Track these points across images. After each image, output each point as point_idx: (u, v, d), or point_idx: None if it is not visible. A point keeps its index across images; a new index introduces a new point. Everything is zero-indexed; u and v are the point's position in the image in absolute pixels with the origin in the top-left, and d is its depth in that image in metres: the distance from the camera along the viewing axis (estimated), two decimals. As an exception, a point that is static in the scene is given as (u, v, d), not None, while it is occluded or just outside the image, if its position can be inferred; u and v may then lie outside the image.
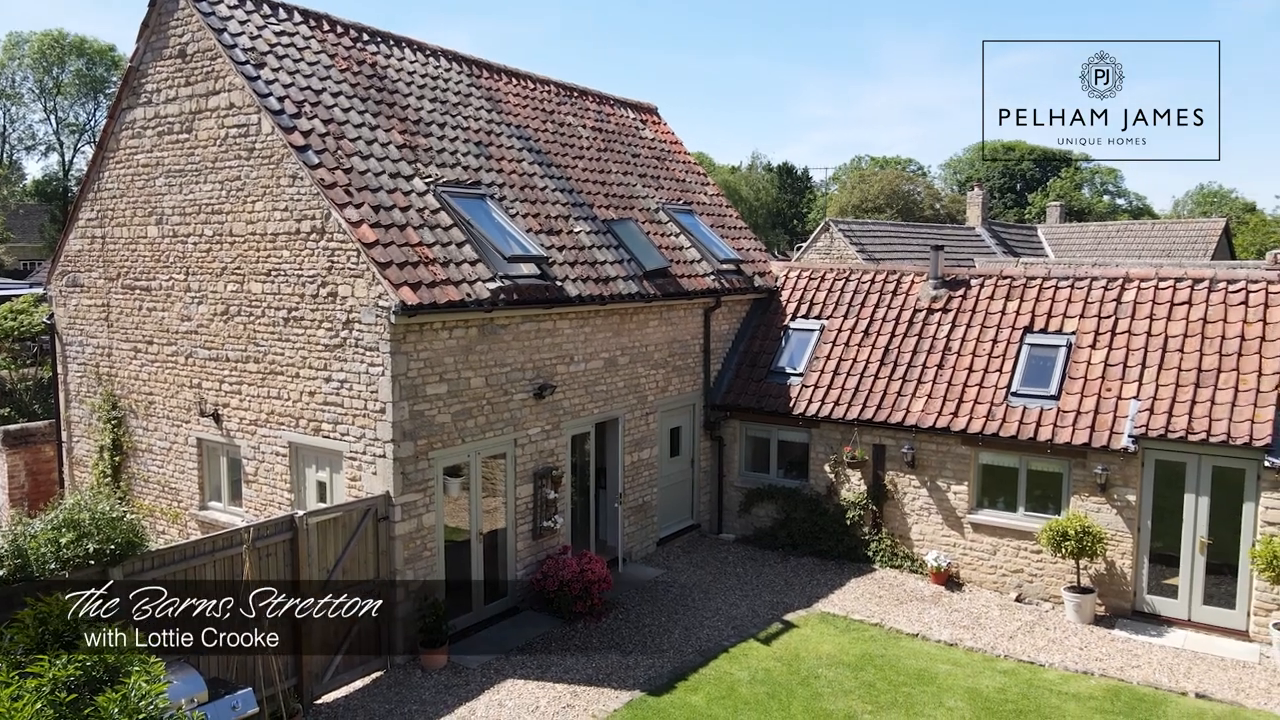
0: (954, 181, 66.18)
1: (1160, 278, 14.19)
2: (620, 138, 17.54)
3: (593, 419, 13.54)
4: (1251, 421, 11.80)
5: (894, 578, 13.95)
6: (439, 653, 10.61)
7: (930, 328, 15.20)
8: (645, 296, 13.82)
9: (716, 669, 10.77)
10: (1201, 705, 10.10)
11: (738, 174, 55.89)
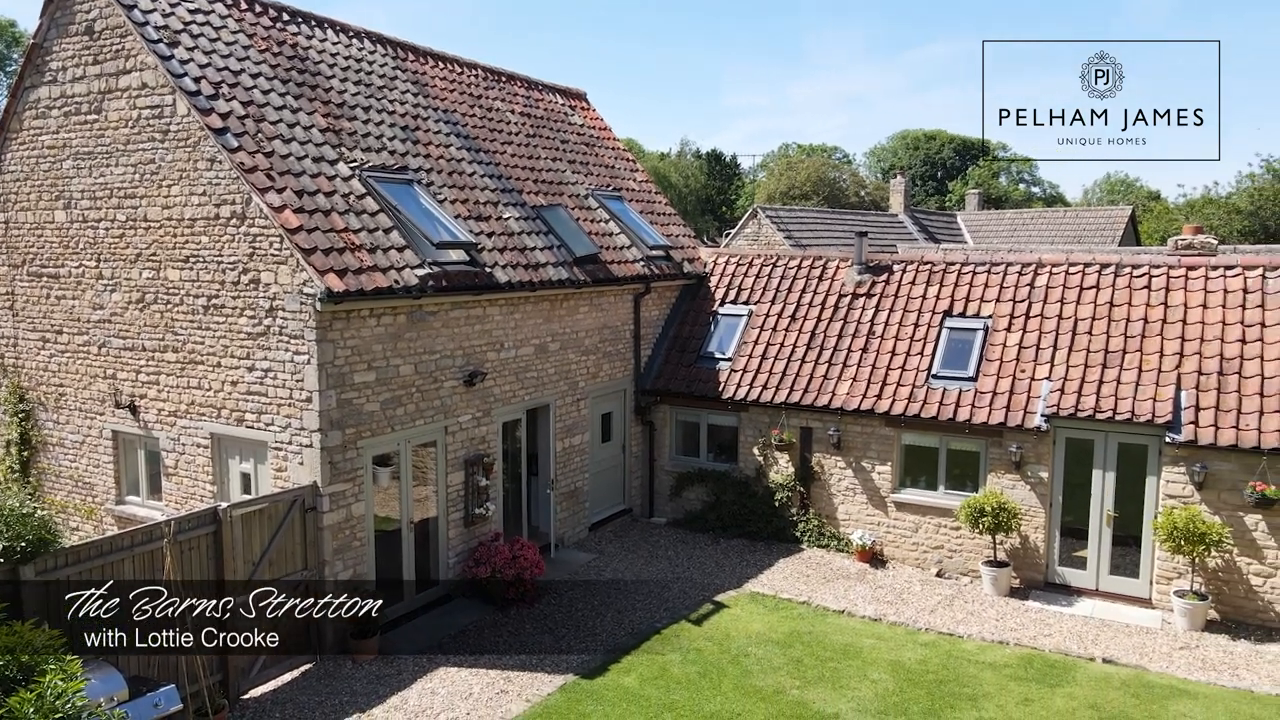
0: (878, 169, 67.53)
1: (1070, 263, 14.78)
2: (549, 123, 17.46)
3: (524, 405, 13.53)
4: (1154, 400, 12.43)
5: (821, 557, 14.31)
6: (370, 643, 10.51)
7: (855, 312, 15.56)
8: (575, 283, 13.84)
9: (649, 650, 10.92)
10: (1108, 670, 10.64)
11: (667, 161, 56.03)
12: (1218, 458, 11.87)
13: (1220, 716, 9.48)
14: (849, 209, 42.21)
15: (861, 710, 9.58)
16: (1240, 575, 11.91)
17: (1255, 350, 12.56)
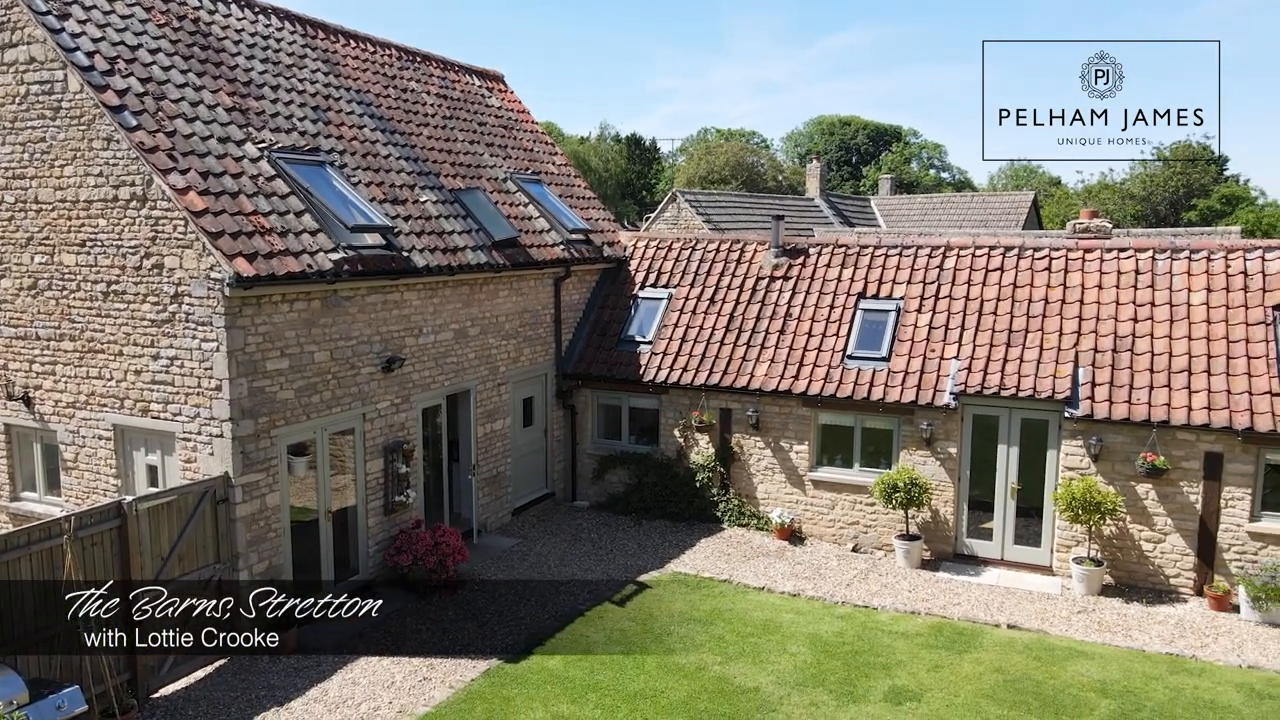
0: (795, 154, 68.53)
1: (977, 246, 15.32)
2: (466, 105, 17.21)
3: (444, 391, 13.38)
4: (1054, 377, 13.00)
5: (741, 535, 14.58)
6: (288, 636, 10.26)
7: (772, 295, 15.83)
8: (495, 267, 13.72)
9: (573, 633, 10.99)
10: (1012, 635, 11.15)
11: (587, 144, 55.77)
12: (1112, 431, 12.50)
13: (1115, 675, 10.04)
14: (767, 193, 42.78)
15: (781, 682, 9.83)
16: (1133, 542, 12.59)
17: (1146, 329, 13.25)
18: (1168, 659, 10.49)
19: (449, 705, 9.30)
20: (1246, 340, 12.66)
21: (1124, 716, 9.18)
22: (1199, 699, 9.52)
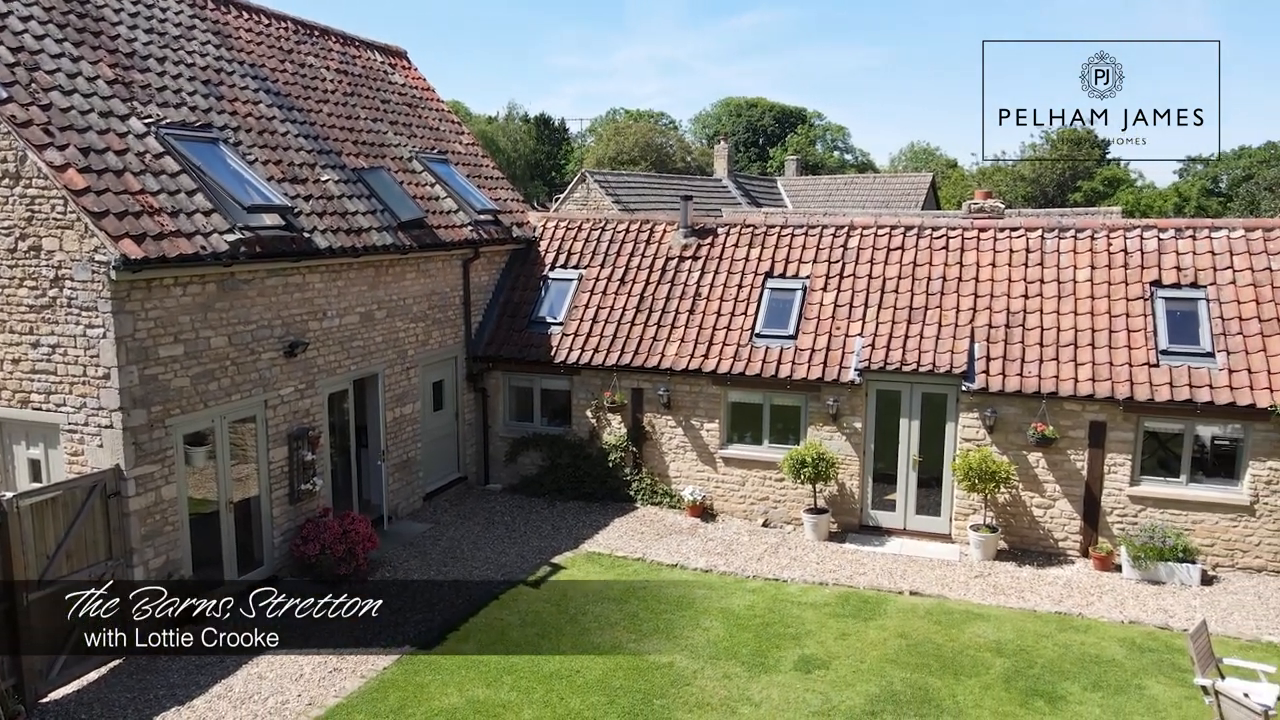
0: (702, 135, 68.98)
1: (879, 226, 15.74)
2: (368, 82, 16.73)
3: (350, 376, 13.06)
4: (951, 353, 13.51)
5: (654, 514, 14.73)
6: (187, 632, 9.92)
7: (682, 275, 15.95)
8: (401, 248, 13.42)
9: (487, 616, 10.93)
10: (915, 601, 11.60)
11: (494, 124, 54.90)
12: (1005, 403, 13.07)
13: (1009, 634, 10.56)
14: (675, 174, 42.98)
15: (695, 656, 10.00)
16: (1025, 508, 13.23)
17: (1036, 305, 13.87)
18: (1057, 618, 11.08)
19: (361, 695, 9.15)
20: (1127, 315, 13.39)
21: (1017, 673, 9.66)
22: (1085, 654, 10.10)
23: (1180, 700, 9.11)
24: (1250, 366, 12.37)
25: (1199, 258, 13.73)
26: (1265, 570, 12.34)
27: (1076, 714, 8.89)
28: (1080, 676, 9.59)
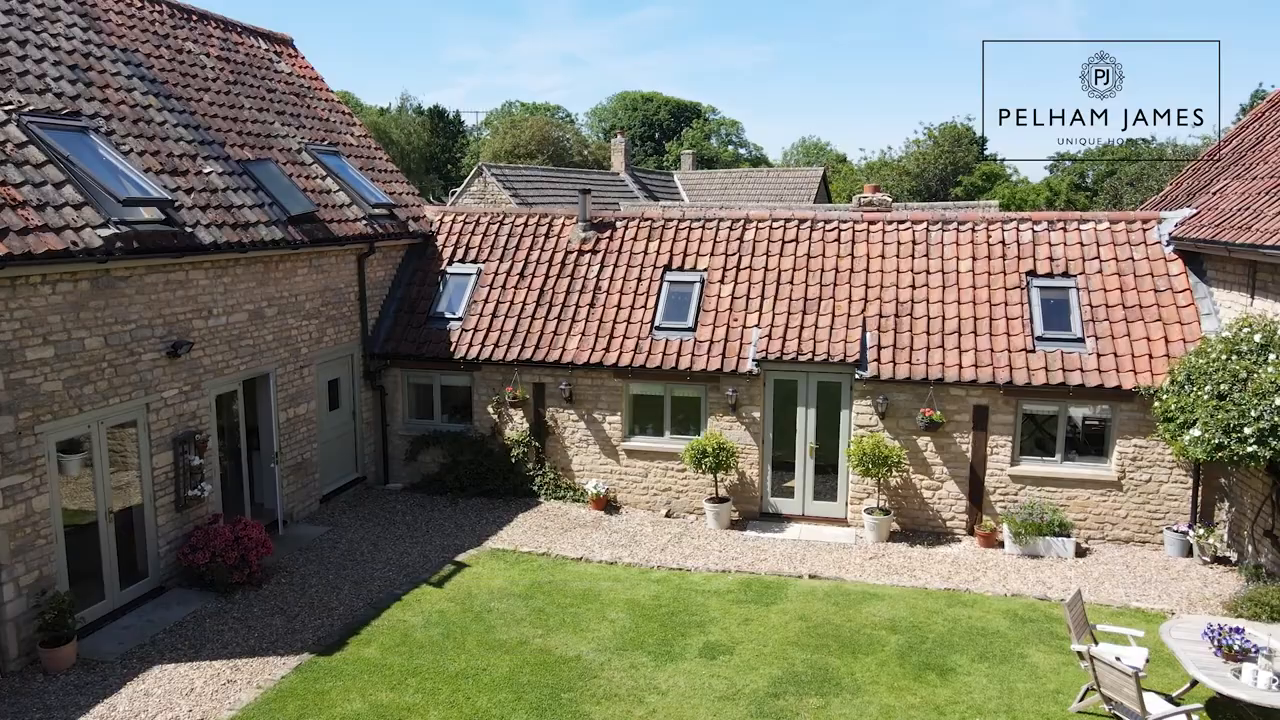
0: (599, 130, 68.98)
1: (774, 219, 16.10)
2: (252, 70, 16.09)
3: (240, 376, 12.57)
4: (845, 342, 13.94)
5: (559, 508, 14.71)
6: (65, 651, 9.39)
7: (581, 268, 15.96)
8: (291, 243, 12.98)
9: (390, 618, 10.72)
10: (814, 584, 11.95)
11: (387, 116, 53.46)
12: (895, 390, 13.58)
13: (902, 612, 11.00)
14: (573, 168, 42.85)
15: (602, 649, 10.05)
16: (915, 490, 13.79)
17: (923, 295, 14.44)
18: (946, 594, 11.60)
19: (257, 706, 8.84)
20: (1005, 304, 14.08)
21: (910, 649, 10.08)
22: (973, 627, 10.61)
23: (1059, 666, 9.67)
24: (1116, 351, 13.20)
25: (1069, 249, 14.56)
26: (1132, 541, 13.22)
27: (965, 684, 9.34)
28: (968, 649, 10.07)
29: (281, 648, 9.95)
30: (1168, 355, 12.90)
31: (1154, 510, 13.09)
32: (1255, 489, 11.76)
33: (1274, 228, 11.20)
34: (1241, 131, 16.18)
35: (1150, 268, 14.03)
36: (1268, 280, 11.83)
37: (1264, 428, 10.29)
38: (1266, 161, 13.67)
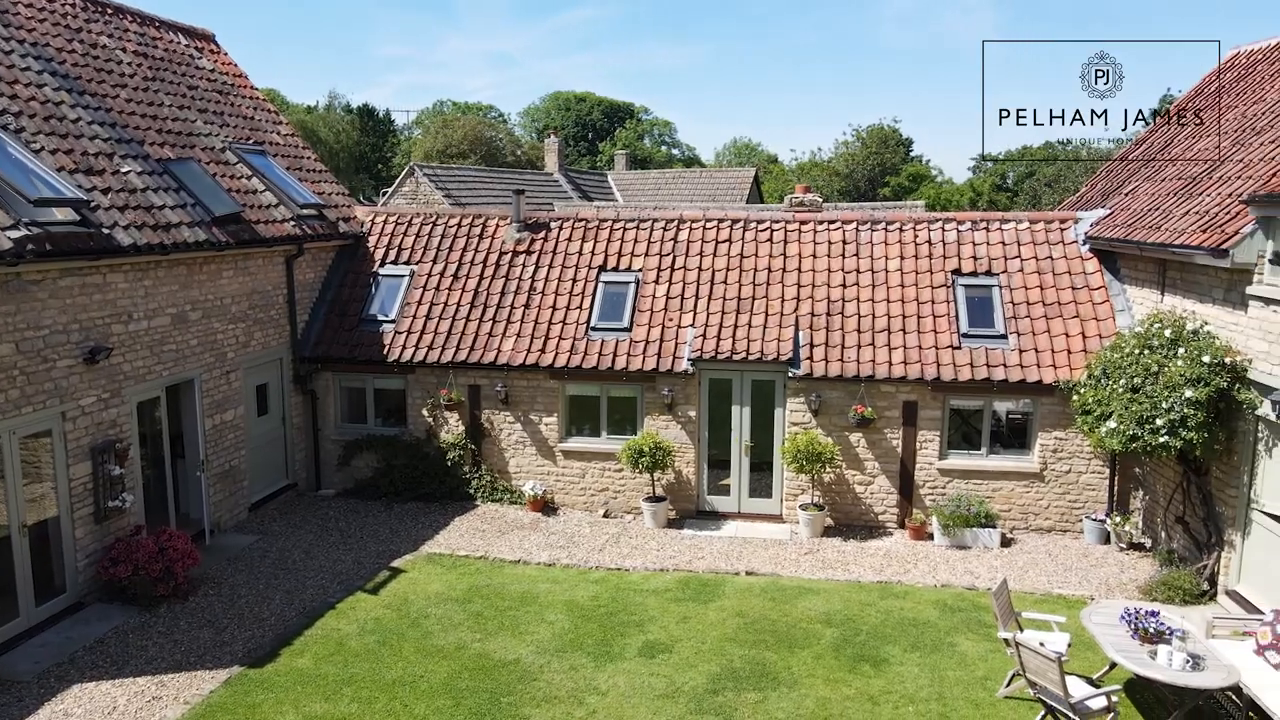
0: (532, 129, 68.60)
1: (708, 219, 16.24)
2: (172, 66, 15.60)
3: (162, 382, 12.18)
4: (778, 340, 14.14)
5: (496, 511, 14.61)
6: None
7: (516, 269, 15.87)
8: (216, 245, 12.63)
9: (323, 627, 10.52)
10: (750, 580, 12.10)
11: (315, 114, 52.27)
12: (828, 387, 13.83)
13: (837, 605, 11.21)
14: (506, 168, 42.55)
15: (541, 651, 10.02)
16: (848, 486, 14.06)
17: (853, 294, 14.74)
18: (879, 586, 11.86)
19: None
20: (932, 302, 14.46)
21: (845, 641, 10.29)
22: (905, 618, 10.87)
23: (986, 654, 9.98)
24: (1037, 346, 13.66)
25: (992, 248, 15.01)
26: (1054, 530, 13.70)
27: (898, 674, 9.56)
28: (900, 639, 10.32)
29: (210, 661, 9.69)
30: (1085, 350, 13.39)
31: (1074, 500, 13.58)
32: (1167, 478, 12.30)
33: (1182, 227, 11.73)
34: (1151, 135, 16.89)
35: (1068, 266, 14.55)
36: (1176, 278, 12.39)
37: (1174, 419, 10.77)
38: (1174, 164, 14.30)
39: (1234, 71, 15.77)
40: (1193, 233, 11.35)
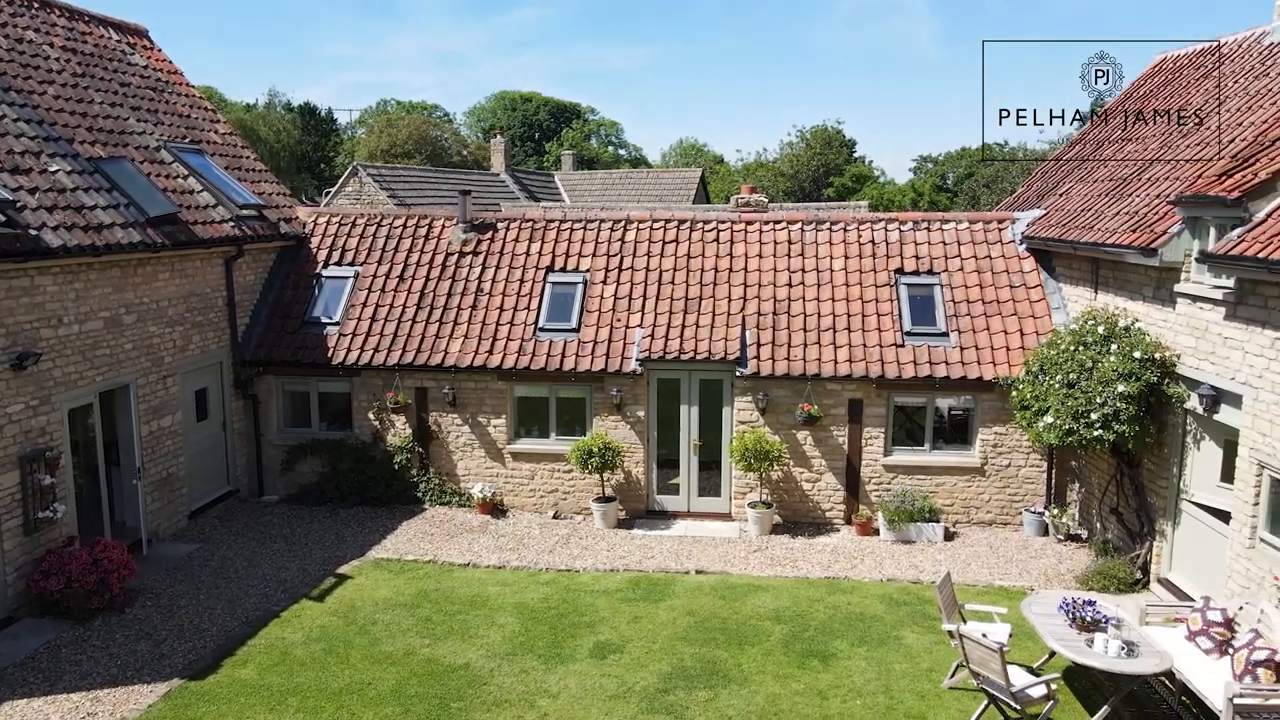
0: (478, 129, 68.04)
1: (655, 220, 16.29)
2: (103, 62, 15.14)
3: (96, 388, 11.82)
4: (725, 340, 14.24)
5: (444, 514, 14.46)
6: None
7: (463, 270, 15.74)
8: (151, 246, 12.29)
9: (267, 637, 10.31)
10: (700, 579, 12.16)
11: (254, 113, 51.13)
12: (775, 385, 13.97)
13: (786, 602, 11.33)
14: (452, 168, 42.13)
15: (491, 655, 9.95)
16: (796, 483, 14.22)
17: (799, 293, 14.91)
18: (826, 582, 12.02)
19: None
20: (876, 300, 14.69)
21: (794, 637, 10.40)
22: (852, 613, 11.03)
23: (931, 646, 10.17)
24: (977, 344, 13.97)
25: (933, 248, 15.31)
26: (994, 523, 14.02)
27: (846, 669, 9.70)
28: (848, 634, 10.47)
29: (148, 675, 9.43)
30: (1023, 348, 13.74)
31: (1013, 493, 13.92)
32: (1102, 470, 12.67)
33: (1113, 227, 12.10)
34: (1084, 137, 17.39)
35: (1006, 265, 14.91)
36: (1109, 276, 12.78)
37: (1108, 413, 11.11)
38: (1105, 165, 14.74)
39: (1161, 76, 16.31)
40: (1123, 233, 11.72)
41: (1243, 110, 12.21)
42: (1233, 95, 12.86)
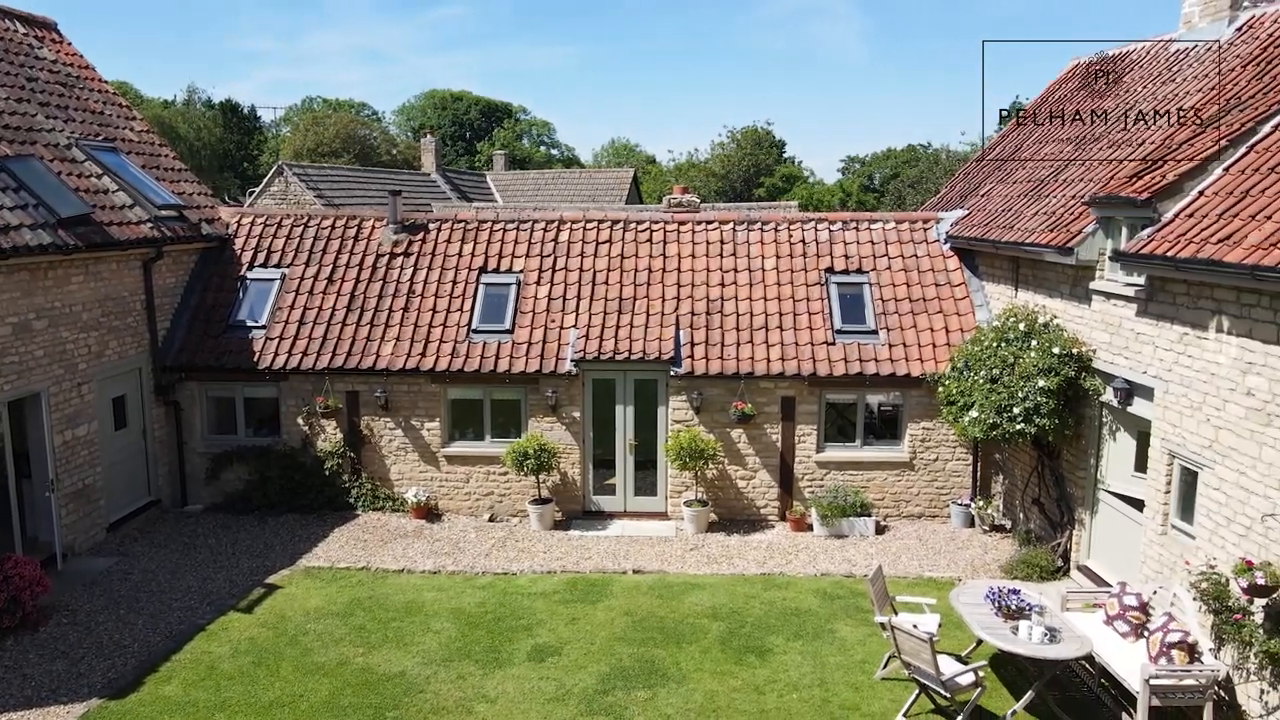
0: (408, 128, 67.02)
1: (588, 220, 16.27)
2: (8, 56, 14.49)
3: (4, 396, 11.30)
4: (660, 340, 14.30)
5: (378, 520, 14.22)
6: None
7: (394, 272, 15.49)
8: (63, 248, 11.80)
9: (193, 651, 9.99)
10: (638, 579, 12.19)
11: (173, 109, 49.49)
12: (709, 385, 14.08)
13: (722, 599, 11.43)
14: (382, 168, 41.42)
15: (427, 662, 9.82)
16: (730, 481, 14.35)
17: (732, 292, 15.05)
18: (762, 578, 12.16)
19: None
20: (807, 299, 14.92)
21: (731, 634, 10.50)
22: (787, 608, 11.18)
23: (864, 638, 10.38)
24: (905, 341, 14.30)
25: (862, 247, 15.61)
26: (923, 516, 14.37)
27: (782, 663, 9.83)
28: (784, 629, 10.61)
29: (65, 695, 9.06)
30: (948, 344, 14.10)
31: (941, 486, 14.29)
32: (1024, 463, 13.09)
33: (1032, 227, 12.51)
34: (1003, 140, 17.93)
35: (931, 264, 15.29)
36: (1029, 274, 13.20)
37: (1029, 407, 11.48)
38: (1024, 166, 15.23)
39: (1075, 80, 16.92)
40: (1041, 232, 12.12)
41: (1151, 114, 12.73)
42: (1142, 100, 13.40)
